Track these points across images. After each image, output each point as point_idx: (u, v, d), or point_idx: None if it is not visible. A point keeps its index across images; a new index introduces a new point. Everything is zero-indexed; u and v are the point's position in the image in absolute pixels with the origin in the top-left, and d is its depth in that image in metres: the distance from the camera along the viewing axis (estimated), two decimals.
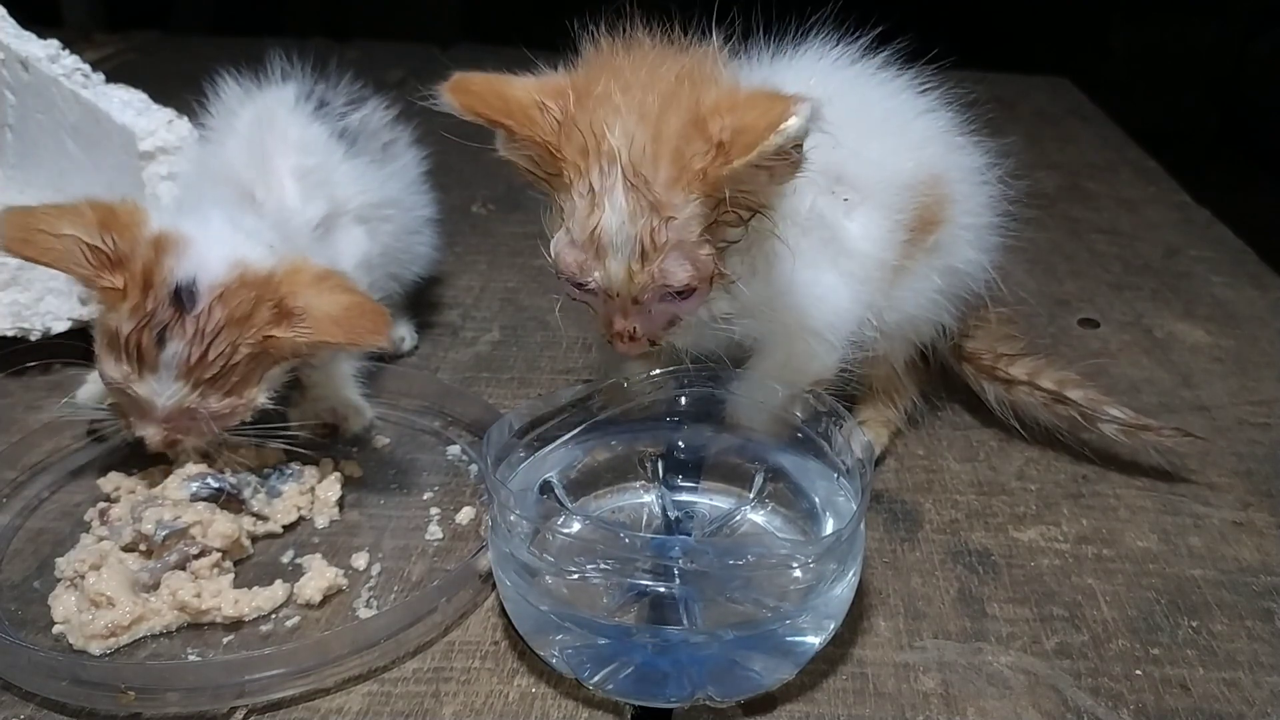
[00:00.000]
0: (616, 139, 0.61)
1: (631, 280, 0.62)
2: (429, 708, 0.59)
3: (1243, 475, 0.82)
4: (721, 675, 0.58)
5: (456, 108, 0.64)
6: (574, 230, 0.62)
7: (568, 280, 0.65)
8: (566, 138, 0.62)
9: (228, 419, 0.72)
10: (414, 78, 0.75)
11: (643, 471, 0.73)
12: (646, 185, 0.60)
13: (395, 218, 0.90)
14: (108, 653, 0.63)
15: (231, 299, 0.69)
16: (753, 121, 0.59)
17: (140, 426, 0.72)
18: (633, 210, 0.60)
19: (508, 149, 0.66)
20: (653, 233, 0.61)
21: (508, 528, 0.60)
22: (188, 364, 0.68)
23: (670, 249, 0.62)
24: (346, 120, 0.87)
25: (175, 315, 0.68)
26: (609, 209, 0.61)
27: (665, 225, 0.61)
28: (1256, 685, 0.62)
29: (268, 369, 0.72)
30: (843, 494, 0.66)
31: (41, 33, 1.08)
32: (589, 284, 0.64)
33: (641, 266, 0.62)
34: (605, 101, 0.62)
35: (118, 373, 0.69)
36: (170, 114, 0.99)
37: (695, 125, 0.61)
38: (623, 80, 0.62)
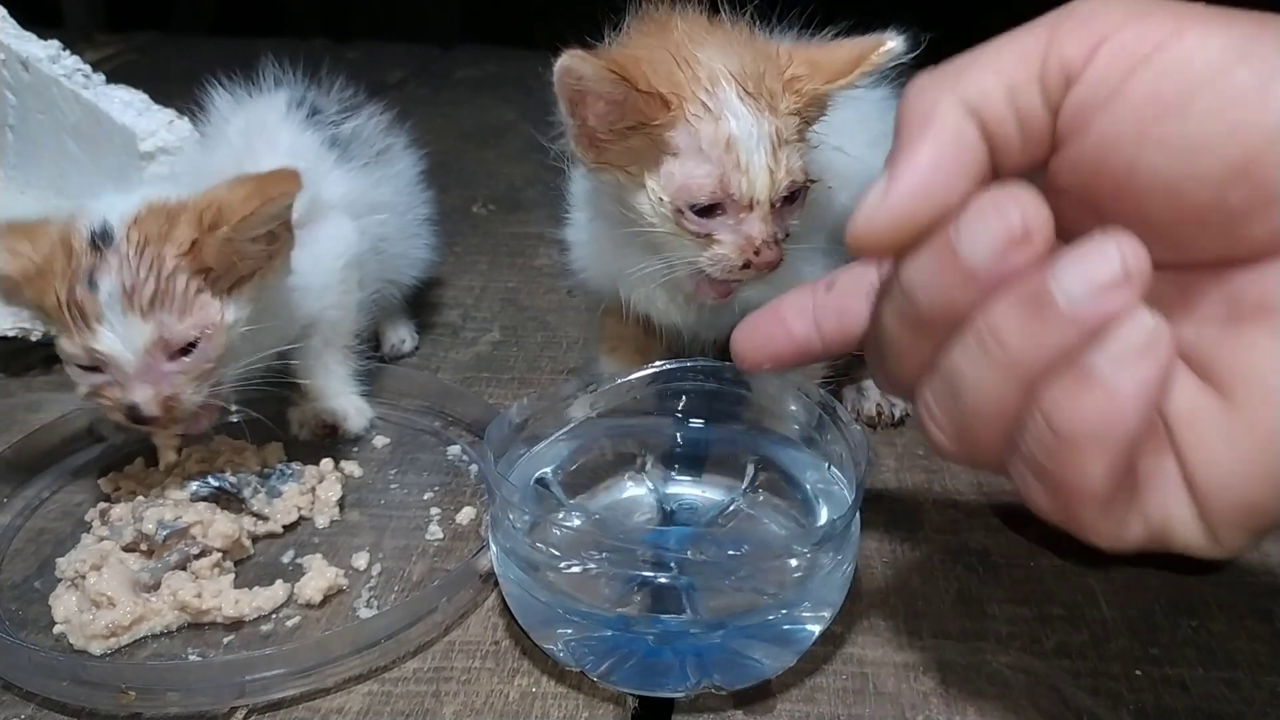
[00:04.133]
0: (714, 61, 0.65)
1: (773, 179, 0.65)
2: (429, 707, 0.60)
3: None
4: (723, 664, 0.58)
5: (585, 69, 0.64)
6: (703, 147, 0.65)
7: (688, 209, 0.67)
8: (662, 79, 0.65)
9: (207, 350, 0.68)
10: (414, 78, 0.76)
11: (637, 465, 0.74)
12: (756, 88, 0.64)
13: (389, 221, 0.90)
14: (108, 653, 0.63)
15: (145, 222, 0.67)
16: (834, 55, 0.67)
17: (128, 394, 0.68)
18: (754, 114, 0.64)
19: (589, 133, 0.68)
20: (777, 130, 0.65)
21: (510, 523, 0.61)
22: (125, 292, 0.66)
23: (788, 146, 0.66)
24: (339, 129, 0.87)
25: (98, 255, 0.67)
26: (733, 118, 0.64)
27: (783, 123, 0.65)
28: (1256, 685, 0.62)
29: (226, 286, 0.70)
30: (836, 483, 0.66)
31: (42, 33, 1.08)
32: (727, 197, 0.66)
33: (777, 164, 0.65)
34: (681, 43, 0.66)
35: (75, 346, 0.67)
36: (171, 114, 1.00)
37: (772, 61, 0.66)
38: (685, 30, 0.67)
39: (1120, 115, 0.41)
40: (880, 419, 0.87)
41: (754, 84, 0.65)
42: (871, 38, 0.68)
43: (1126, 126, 0.41)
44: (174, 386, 0.68)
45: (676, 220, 0.67)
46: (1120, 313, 0.39)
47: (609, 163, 0.69)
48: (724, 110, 0.64)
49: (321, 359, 0.83)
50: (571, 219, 0.82)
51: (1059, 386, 0.40)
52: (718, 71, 0.65)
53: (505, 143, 1.56)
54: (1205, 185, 0.39)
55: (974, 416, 0.43)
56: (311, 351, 0.83)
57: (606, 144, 0.68)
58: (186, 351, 0.68)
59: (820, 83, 0.67)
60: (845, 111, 0.74)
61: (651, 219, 0.68)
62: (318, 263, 0.79)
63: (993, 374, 0.42)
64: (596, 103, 0.66)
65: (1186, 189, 0.40)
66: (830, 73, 0.67)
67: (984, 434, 0.44)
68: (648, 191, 0.67)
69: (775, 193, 0.66)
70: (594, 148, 0.69)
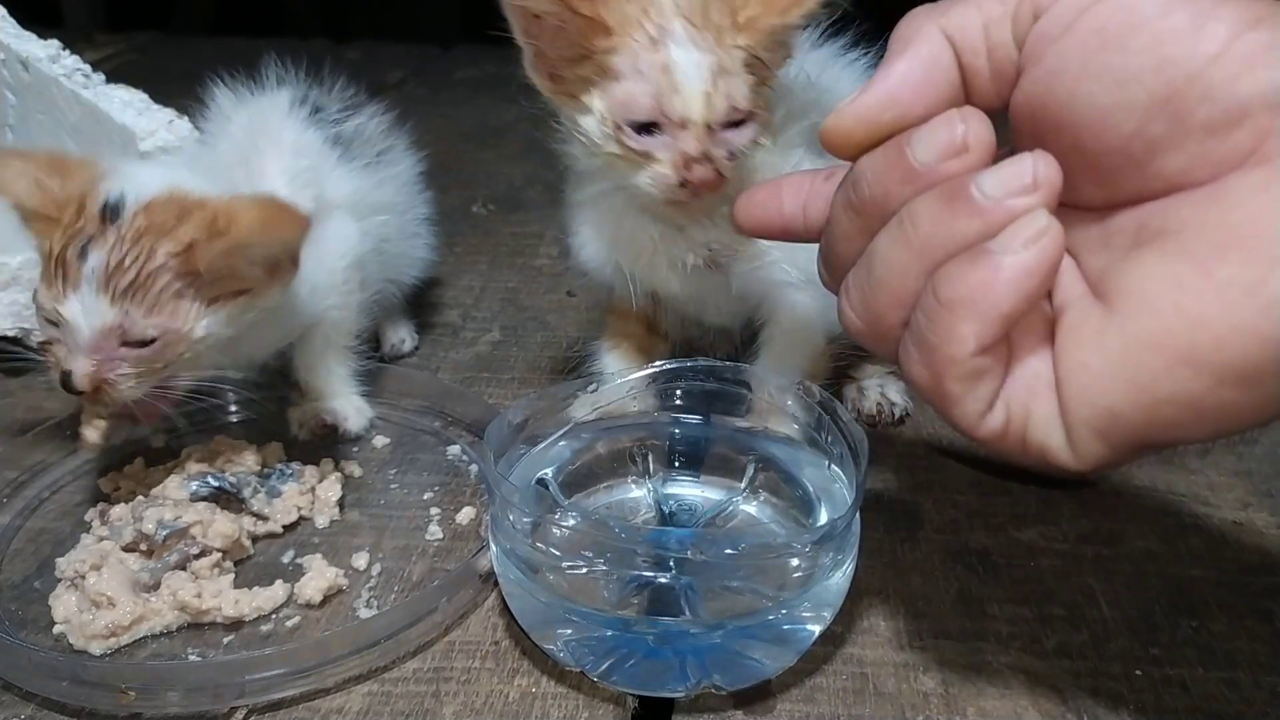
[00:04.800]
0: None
1: (709, 101, 0.67)
2: (429, 707, 0.60)
3: (1242, 475, 0.82)
4: (723, 664, 0.58)
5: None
6: (643, 69, 0.67)
7: (627, 125, 0.69)
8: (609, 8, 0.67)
9: (162, 352, 0.68)
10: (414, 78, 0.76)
11: (635, 466, 0.74)
12: (702, 20, 0.67)
13: (390, 222, 0.90)
14: (108, 653, 0.63)
15: (156, 210, 0.68)
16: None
17: (68, 361, 0.68)
18: (697, 41, 0.67)
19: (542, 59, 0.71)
20: (717, 60, 0.67)
21: (510, 523, 0.61)
22: (105, 272, 0.66)
23: (731, 74, 0.67)
24: (341, 127, 0.87)
25: (101, 228, 0.67)
26: (674, 44, 0.67)
27: (726, 53, 0.67)
28: (1256, 685, 0.62)
29: (207, 297, 0.69)
30: (836, 482, 0.66)
31: (42, 33, 1.08)
32: (661, 116, 0.68)
33: (715, 88, 0.67)
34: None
35: (47, 299, 0.68)
36: (171, 114, 0.99)
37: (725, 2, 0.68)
38: None
39: (1069, 47, 0.44)
40: (880, 419, 0.87)
41: (700, 17, 0.67)
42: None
43: (1072, 58, 0.44)
44: (113, 371, 0.68)
45: (618, 138, 0.70)
46: (1022, 214, 0.44)
47: (564, 93, 0.71)
48: (666, 38, 0.67)
49: (322, 359, 0.83)
50: (575, 218, 0.83)
51: (953, 264, 0.45)
52: (665, 5, 0.67)
53: (505, 143, 1.56)
54: (1131, 115, 0.43)
55: (880, 290, 0.48)
56: (312, 352, 0.83)
57: (561, 74, 0.70)
58: (144, 345, 0.68)
59: (774, 16, 0.68)
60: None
61: (598, 139, 0.70)
62: (321, 262, 0.79)
63: (903, 253, 0.47)
64: (545, 28, 0.68)
65: (1115, 119, 0.43)
66: (780, 7, 0.68)
67: (886, 310, 0.48)
68: (593, 111, 0.70)
69: (711, 115, 0.68)
70: (551, 78, 0.71)
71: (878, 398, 0.88)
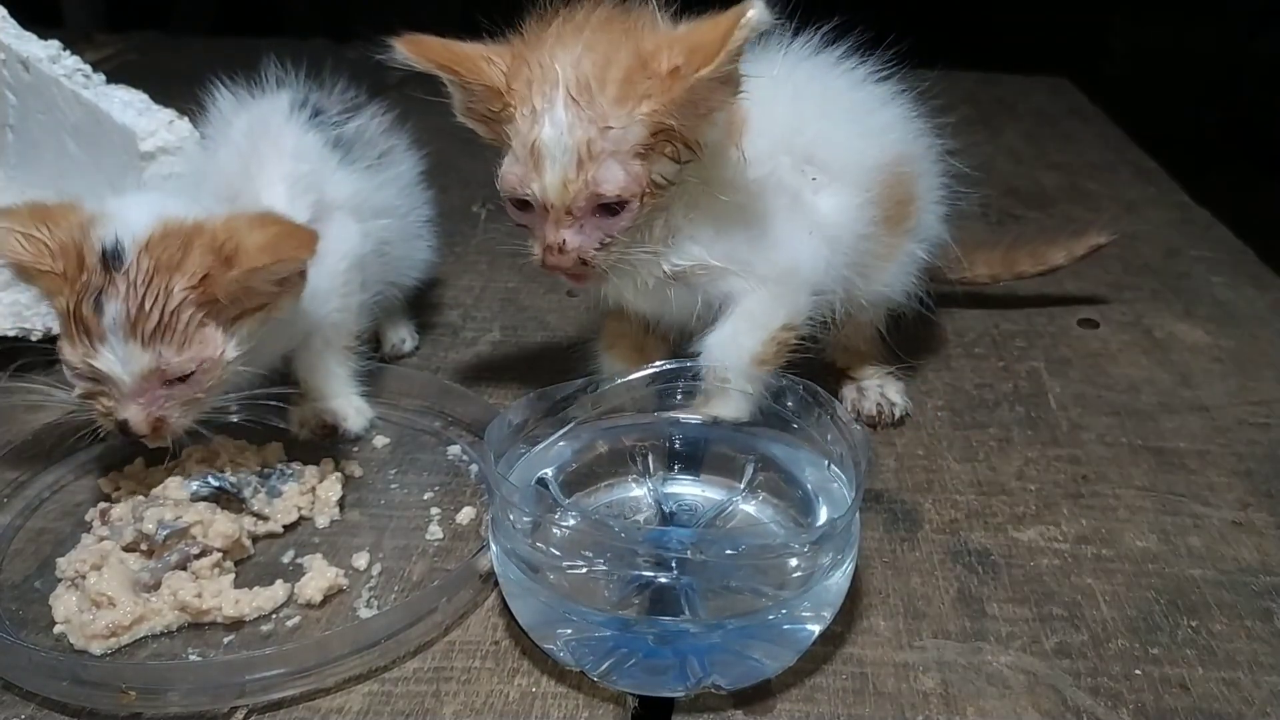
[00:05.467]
0: (562, 67, 0.66)
1: (566, 188, 0.67)
2: (429, 707, 0.60)
3: (1242, 475, 0.82)
4: (723, 664, 0.58)
5: (408, 56, 0.71)
6: (516, 147, 0.68)
7: (509, 201, 0.71)
8: (514, 76, 0.68)
9: (201, 380, 0.70)
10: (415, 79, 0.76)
11: (636, 465, 0.74)
12: (588, 99, 0.66)
13: (392, 225, 0.90)
14: (108, 653, 0.63)
15: (157, 248, 0.68)
16: (707, 36, 0.65)
17: (120, 410, 0.69)
18: (571, 123, 0.66)
19: (464, 110, 0.73)
20: (589, 143, 0.66)
21: (510, 523, 0.61)
22: (129, 320, 0.67)
23: (605, 157, 0.67)
24: (341, 129, 0.87)
25: (107, 277, 0.67)
26: (548, 123, 0.66)
27: (601, 135, 0.66)
28: (1256, 685, 0.62)
29: (228, 319, 0.70)
30: (835, 482, 0.66)
31: (42, 33, 1.08)
32: (527, 195, 0.69)
33: (576, 175, 0.67)
34: (553, 44, 0.68)
35: (75, 356, 0.69)
36: (171, 114, 0.99)
37: (640, 62, 0.66)
38: (568, 29, 0.68)
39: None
40: (880, 419, 0.87)
41: (586, 90, 0.66)
42: (733, 10, 0.66)
43: None
44: (164, 410, 0.70)
45: (509, 208, 0.71)
46: None
47: (493, 138, 0.72)
48: (544, 115, 0.66)
49: (322, 359, 0.83)
50: None
51: None
52: (560, 78, 0.66)
53: None
54: None
55: None
56: (312, 352, 0.83)
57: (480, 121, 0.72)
58: (183, 379, 0.70)
59: (695, 68, 0.65)
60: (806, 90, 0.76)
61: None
62: (321, 264, 0.79)
63: None
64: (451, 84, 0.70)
65: None
66: (703, 56, 0.65)
67: None
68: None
69: (570, 202, 0.67)
70: (478, 122, 0.72)
71: (878, 398, 0.88)
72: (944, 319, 1.05)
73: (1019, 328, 1.05)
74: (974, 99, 1.74)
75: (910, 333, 0.92)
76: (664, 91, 0.65)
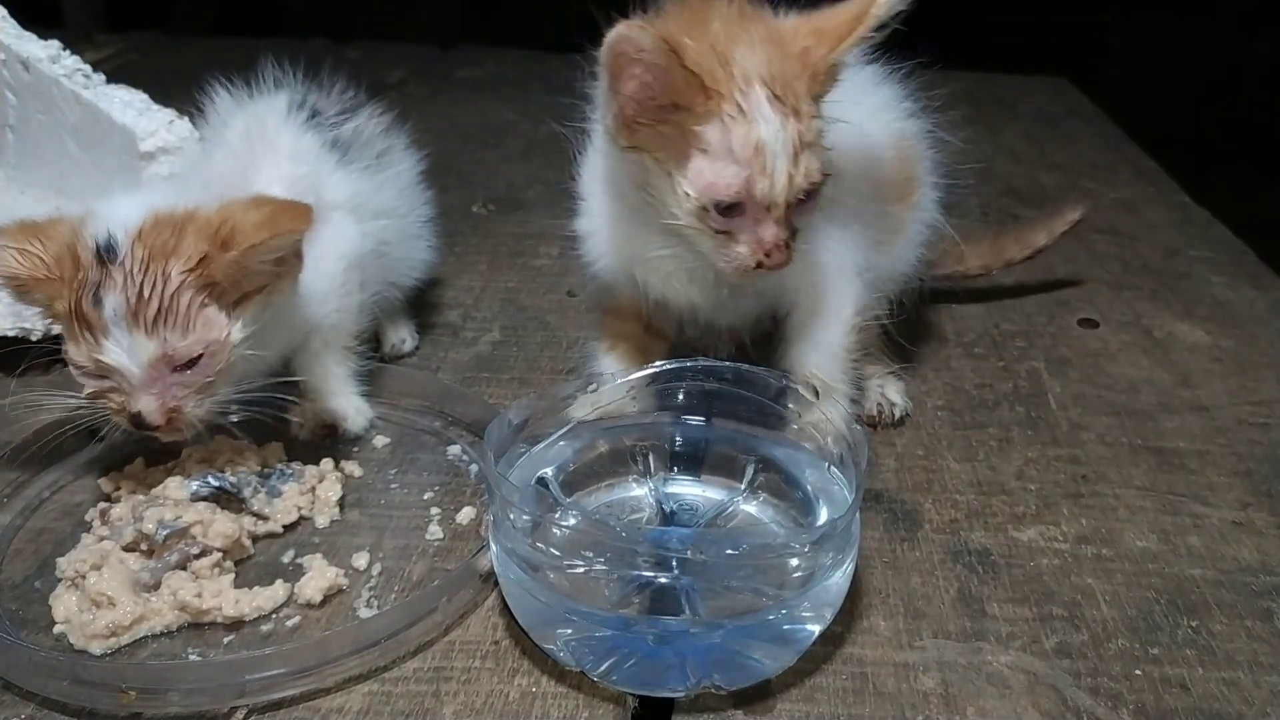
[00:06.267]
0: (750, 62, 0.67)
1: (791, 184, 0.68)
2: (429, 707, 0.60)
3: (1242, 475, 0.82)
4: (723, 664, 0.58)
5: (651, 39, 0.65)
6: (729, 149, 0.67)
7: (712, 206, 0.69)
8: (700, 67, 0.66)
9: (210, 364, 0.70)
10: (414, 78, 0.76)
11: (636, 465, 0.74)
12: (785, 91, 0.67)
13: (391, 226, 0.90)
14: (108, 652, 0.63)
15: (150, 236, 0.68)
16: (833, 21, 0.69)
17: (132, 403, 0.69)
18: (782, 119, 0.67)
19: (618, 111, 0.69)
20: (800, 135, 0.67)
21: (510, 523, 0.61)
22: (129, 309, 0.67)
23: (807, 149, 0.68)
24: (339, 130, 0.87)
25: (104, 271, 0.68)
26: (763, 121, 0.66)
27: (806, 127, 0.67)
28: (1256, 685, 0.62)
29: (229, 302, 0.71)
30: (836, 483, 0.67)
31: (42, 33, 1.08)
32: (743, 197, 0.68)
33: (796, 168, 0.67)
34: (719, 38, 0.68)
35: (81, 355, 0.69)
36: (171, 114, 1.00)
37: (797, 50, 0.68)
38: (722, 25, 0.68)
39: None
40: (880, 419, 0.87)
41: (782, 87, 0.67)
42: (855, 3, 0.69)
43: None
44: (177, 398, 0.70)
45: (699, 216, 0.69)
46: None
47: (639, 145, 0.70)
48: (756, 114, 0.66)
49: (322, 359, 0.83)
50: (584, 208, 0.82)
51: None
52: (751, 73, 0.67)
53: (505, 143, 1.56)
54: None
55: None
56: (312, 352, 0.83)
57: (640, 126, 0.69)
58: (191, 364, 0.70)
59: (826, 49, 0.69)
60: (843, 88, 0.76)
61: (674, 210, 0.70)
62: (319, 265, 0.79)
63: None
64: (640, 76, 0.67)
65: None
66: (834, 37, 0.68)
67: None
68: (674, 184, 0.69)
69: (793, 195, 0.68)
70: (627, 128, 0.70)
71: (878, 398, 0.88)
72: (944, 319, 1.05)
73: (1019, 328, 1.05)
74: (973, 99, 1.74)
75: (910, 333, 0.92)
76: (811, 76, 0.68)
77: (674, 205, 0.70)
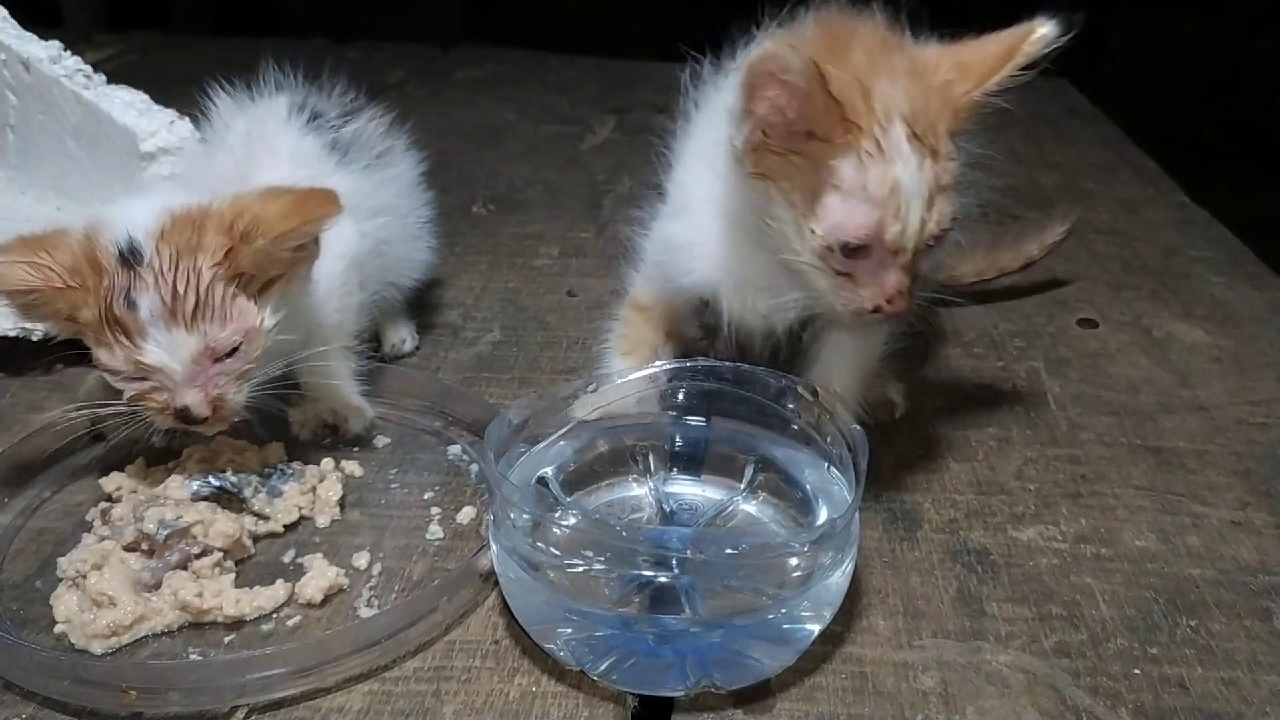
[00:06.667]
0: (891, 95, 0.63)
1: (923, 229, 0.64)
2: (430, 706, 0.60)
3: (1241, 475, 0.82)
4: (723, 663, 0.58)
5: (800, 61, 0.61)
6: (864, 187, 0.63)
7: (837, 247, 0.65)
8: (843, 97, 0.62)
9: (248, 351, 0.71)
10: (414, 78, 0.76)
11: (636, 465, 0.74)
12: (925, 129, 0.63)
13: (391, 225, 0.90)
14: (109, 652, 0.63)
15: (173, 235, 0.69)
16: (981, 54, 0.65)
17: (177, 398, 0.70)
18: (919, 158, 0.63)
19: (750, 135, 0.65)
20: (936, 177, 0.63)
21: (510, 522, 0.61)
22: (167, 308, 0.68)
23: (943, 192, 0.64)
24: (339, 132, 0.87)
25: (131, 274, 0.68)
26: (901, 161, 0.63)
27: (943, 169, 0.64)
28: (1255, 684, 0.62)
29: (257, 289, 0.72)
30: (835, 483, 0.67)
31: (43, 34, 1.08)
32: (872, 240, 0.64)
33: (930, 214, 0.64)
34: (862, 68, 0.64)
35: (119, 360, 0.69)
36: (171, 115, 1.00)
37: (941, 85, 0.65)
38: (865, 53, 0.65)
39: None
40: (880, 419, 0.87)
41: (922, 125, 0.63)
42: (1020, 27, 0.66)
43: None
44: (220, 387, 0.71)
45: (822, 254, 0.66)
46: None
47: (766, 174, 0.66)
48: (894, 152, 0.63)
49: (322, 359, 0.83)
50: (685, 218, 0.77)
51: None
52: (893, 108, 0.63)
53: (505, 143, 1.56)
54: None
55: None
56: (312, 352, 0.82)
57: (770, 153, 0.65)
58: (230, 354, 0.70)
59: (971, 85, 0.65)
60: None
61: (795, 246, 0.66)
62: (319, 265, 0.79)
63: None
64: (773, 99, 0.63)
65: None
66: (980, 73, 0.65)
67: None
68: (800, 219, 0.65)
69: (923, 242, 0.65)
70: (755, 153, 0.66)
71: (878, 398, 0.88)
72: (944, 319, 1.05)
73: (1018, 328, 1.05)
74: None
75: (909, 333, 0.92)
76: (952, 114, 0.64)
77: (796, 241, 0.66)
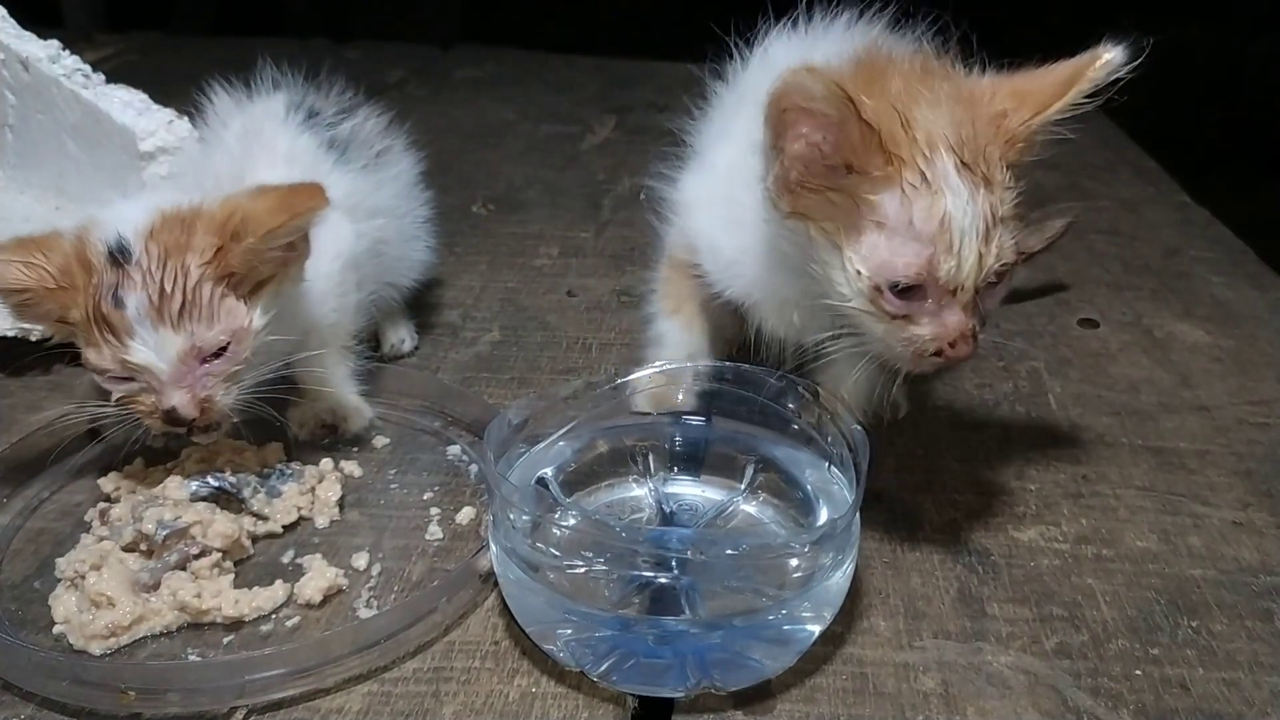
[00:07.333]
0: (932, 124, 0.59)
1: (980, 266, 0.60)
2: (429, 707, 0.59)
3: (1242, 475, 0.82)
4: (723, 664, 0.58)
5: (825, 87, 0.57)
6: (917, 222, 0.59)
7: (891, 288, 0.60)
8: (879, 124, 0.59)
9: (237, 352, 0.71)
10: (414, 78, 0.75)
11: (636, 465, 0.74)
12: (975, 160, 0.59)
13: (389, 225, 0.90)
14: (108, 653, 0.63)
15: (161, 234, 0.69)
16: (1040, 82, 0.62)
17: (164, 399, 0.69)
18: (971, 191, 0.59)
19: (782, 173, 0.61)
20: (992, 208, 0.59)
21: (510, 523, 0.61)
22: (153, 306, 0.68)
23: (1000, 226, 0.60)
24: (336, 130, 0.87)
25: (120, 273, 0.68)
26: (950, 193, 0.58)
27: (999, 201, 0.60)
28: (1256, 685, 0.62)
29: (248, 289, 0.71)
30: (835, 483, 0.66)
31: (42, 33, 1.08)
32: (934, 281, 0.60)
33: (988, 248, 0.59)
34: (900, 96, 0.60)
35: (107, 359, 0.69)
36: (170, 114, 1.00)
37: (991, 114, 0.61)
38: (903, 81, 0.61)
39: None
40: (881, 419, 0.87)
41: (972, 154, 0.59)
42: (1085, 54, 0.63)
43: None
44: (207, 388, 0.70)
45: (872, 296, 0.62)
46: None
47: (804, 213, 0.62)
48: (941, 183, 0.58)
49: (320, 360, 0.83)
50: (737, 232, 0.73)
51: None
52: (936, 136, 0.59)
53: (505, 143, 1.56)
54: None
55: None
56: (310, 352, 0.82)
57: (805, 191, 0.62)
58: (217, 354, 0.70)
59: (1030, 114, 0.62)
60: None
61: (842, 289, 0.62)
62: (316, 264, 0.79)
63: None
64: (808, 135, 0.59)
65: None
66: (1040, 101, 0.61)
67: None
68: (844, 260, 0.61)
69: (983, 279, 0.61)
70: (790, 193, 0.62)
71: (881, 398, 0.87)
72: None
73: (1019, 328, 1.05)
74: None
75: None
76: (1007, 142, 0.61)
77: (842, 283, 0.62)
